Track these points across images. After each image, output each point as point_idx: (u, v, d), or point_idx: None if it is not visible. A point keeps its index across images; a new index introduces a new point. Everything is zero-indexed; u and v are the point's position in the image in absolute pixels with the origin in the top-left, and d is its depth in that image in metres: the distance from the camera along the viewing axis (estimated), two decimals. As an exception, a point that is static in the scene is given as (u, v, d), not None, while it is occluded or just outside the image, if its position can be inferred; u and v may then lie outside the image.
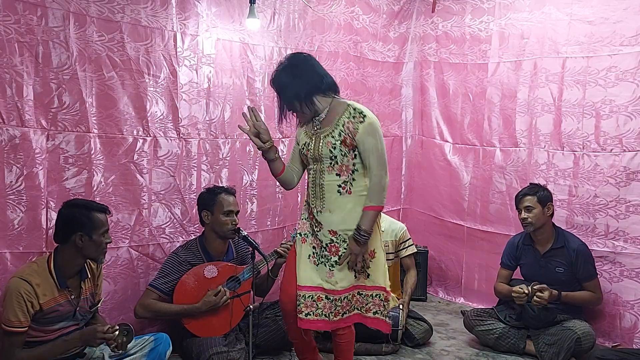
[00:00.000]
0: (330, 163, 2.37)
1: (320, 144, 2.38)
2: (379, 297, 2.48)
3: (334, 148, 2.35)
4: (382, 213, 2.98)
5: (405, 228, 3.68)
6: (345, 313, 2.45)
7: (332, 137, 2.35)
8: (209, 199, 2.98)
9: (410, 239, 3.67)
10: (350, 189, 2.38)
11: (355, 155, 2.36)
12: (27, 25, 2.59)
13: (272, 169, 2.48)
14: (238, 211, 3.02)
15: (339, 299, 2.42)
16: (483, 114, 4.06)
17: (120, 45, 2.92)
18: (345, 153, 2.35)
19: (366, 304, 2.48)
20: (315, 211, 2.43)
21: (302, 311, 2.40)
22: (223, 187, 3.08)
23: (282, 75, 2.36)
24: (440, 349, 3.30)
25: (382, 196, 2.35)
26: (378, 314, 2.47)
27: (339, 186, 2.38)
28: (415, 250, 3.69)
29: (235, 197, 3.03)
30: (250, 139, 2.38)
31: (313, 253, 2.46)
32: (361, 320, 2.50)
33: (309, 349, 2.67)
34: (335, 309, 2.42)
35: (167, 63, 3.12)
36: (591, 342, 2.98)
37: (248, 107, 2.41)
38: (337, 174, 2.37)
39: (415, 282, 3.59)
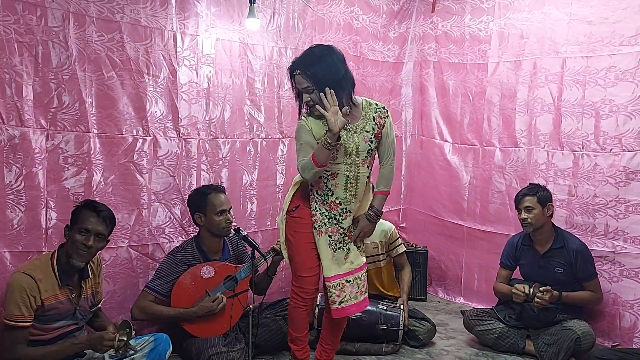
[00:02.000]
0: (365, 156, 2.49)
1: (356, 138, 2.46)
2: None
3: (371, 142, 2.48)
4: None
5: (394, 228, 3.66)
6: (365, 292, 2.60)
7: (367, 131, 2.48)
8: (200, 200, 2.96)
9: (398, 238, 3.67)
10: (370, 178, 2.58)
11: (377, 147, 2.55)
12: (26, 25, 2.59)
13: (326, 157, 2.33)
14: (230, 208, 3.01)
15: (358, 277, 2.55)
16: (483, 113, 4.06)
17: (120, 45, 2.92)
18: (376, 146, 2.53)
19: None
20: (345, 202, 2.50)
21: (335, 300, 2.49)
22: (211, 185, 3.07)
23: (332, 65, 2.35)
24: (440, 349, 3.30)
25: (391, 182, 2.61)
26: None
27: (367, 177, 2.55)
28: (405, 249, 3.68)
29: (225, 193, 3.02)
30: (329, 120, 2.26)
31: (330, 241, 2.50)
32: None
33: (306, 342, 2.70)
34: (359, 288, 2.55)
35: (166, 63, 3.11)
36: (591, 341, 2.98)
37: (327, 88, 2.29)
38: (367, 166, 2.52)
39: (410, 277, 3.60)
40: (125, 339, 2.34)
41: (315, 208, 2.50)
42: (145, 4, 3.00)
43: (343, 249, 2.54)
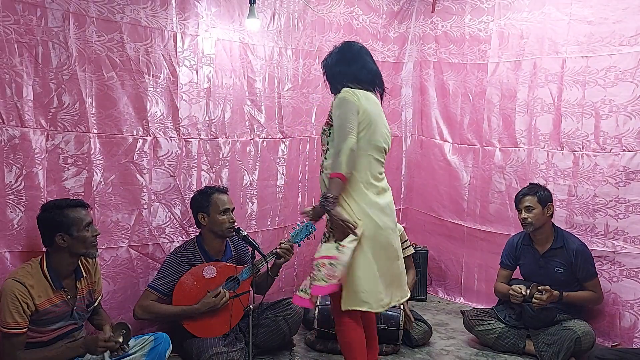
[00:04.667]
0: None
1: None
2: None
3: None
4: None
5: (403, 229, 3.63)
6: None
7: None
8: (203, 200, 2.97)
9: (407, 240, 3.65)
10: None
11: None
12: (26, 25, 2.59)
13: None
14: (234, 208, 3.02)
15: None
16: (483, 114, 4.06)
17: (120, 46, 2.92)
18: None
19: None
20: None
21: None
22: (214, 186, 3.07)
23: None
24: (440, 349, 3.30)
25: None
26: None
27: None
28: (414, 251, 3.67)
29: (227, 194, 3.03)
30: None
31: None
32: None
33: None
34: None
35: (167, 63, 3.12)
36: (591, 341, 2.98)
37: None
38: None
39: (413, 280, 3.57)
40: (121, 340, 2.35)
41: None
42: (146, 4, 3.00)
43: None
